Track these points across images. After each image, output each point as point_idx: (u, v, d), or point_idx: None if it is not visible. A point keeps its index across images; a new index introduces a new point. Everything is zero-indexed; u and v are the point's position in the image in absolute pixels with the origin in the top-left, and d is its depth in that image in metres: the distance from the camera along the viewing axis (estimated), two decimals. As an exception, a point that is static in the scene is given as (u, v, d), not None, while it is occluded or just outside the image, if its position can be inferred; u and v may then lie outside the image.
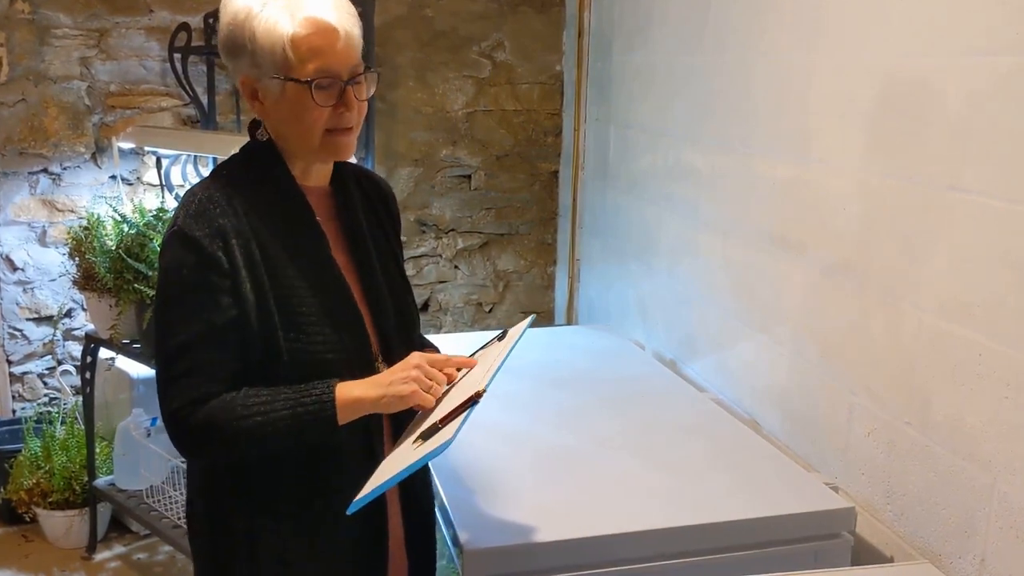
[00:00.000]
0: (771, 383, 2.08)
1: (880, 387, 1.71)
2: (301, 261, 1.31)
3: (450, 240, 3.61)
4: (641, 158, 2.79)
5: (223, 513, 1.36)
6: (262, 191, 1.32)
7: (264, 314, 1.26)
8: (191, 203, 1.29)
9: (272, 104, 1.29)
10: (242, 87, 1.31)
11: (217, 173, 1.36)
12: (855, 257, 1.77)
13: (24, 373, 3.32)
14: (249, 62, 1.28)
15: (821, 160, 1.87)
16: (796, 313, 1.97)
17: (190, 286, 1.25)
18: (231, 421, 1.23)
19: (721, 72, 2.27)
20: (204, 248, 1.24)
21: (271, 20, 1.24)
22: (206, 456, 1.33)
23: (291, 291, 1.28)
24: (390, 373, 1.27)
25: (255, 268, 1.26)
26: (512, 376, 2.26)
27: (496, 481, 1.71)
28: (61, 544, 3.01)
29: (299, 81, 1.25)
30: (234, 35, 1.28)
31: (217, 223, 1.26)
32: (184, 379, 1.25)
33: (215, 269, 1.24)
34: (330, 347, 1.30)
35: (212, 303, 1.24)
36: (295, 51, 1.24)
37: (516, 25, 3.49)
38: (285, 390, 1.25)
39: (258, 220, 1.29)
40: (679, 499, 1.66)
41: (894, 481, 1.68)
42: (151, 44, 3.18)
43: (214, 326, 1.24)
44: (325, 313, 1.30)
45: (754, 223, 2.13)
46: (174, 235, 1.27)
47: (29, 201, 3.19)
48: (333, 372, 1.28)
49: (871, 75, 1.71)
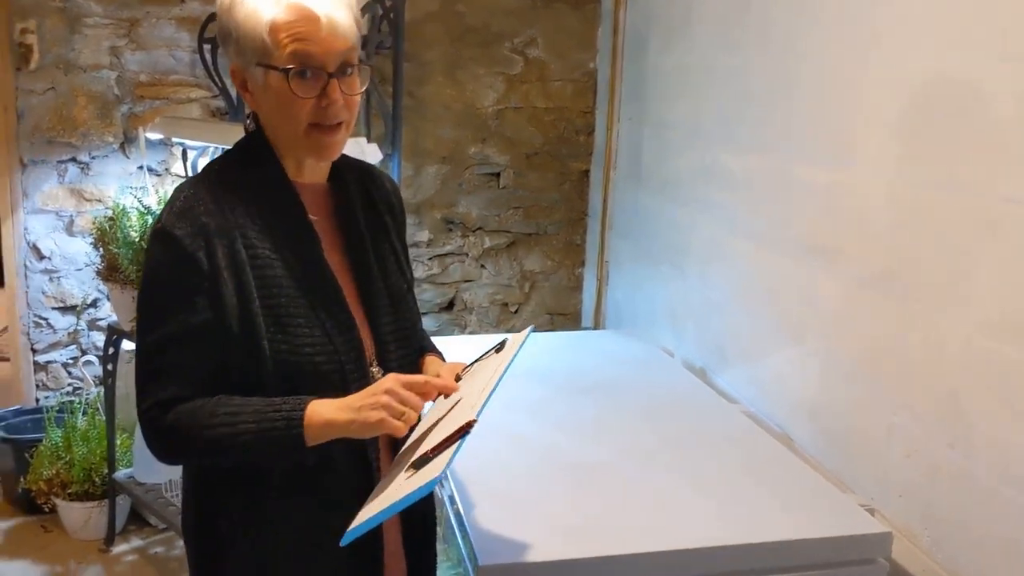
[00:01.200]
0: (804, 397, 2.00)
1: (921, 406, 1.63)
2: (290, 261, 1.25)
3: (476, 239, 3.56)
4: (675, 159, 2.72)
5: (211, 516, 1.31)
6: (252, 187, 1.27)
7: (248, 316, 1.20)
8: (177, 200, 1.24)
9: (259, 95, 1.24)
10: (232, 77, 1.27)
11: (208, 169, 1.31)
12: (896, 268, 1.69)
13: (48, 362, 3.31)
14: (235, 49, 1.23)
15: (862, 166, 1.79)
16: (831, 325, 1.89)
17: (166, 286, 1.21)
18: (196, 428, 1.18)
19: (761, 73, 2.20)
20: (184, 247, 1.19)
21: (253, 5, 1.20)
22: (172, 460, 1.29)
23: (279, 292, 1.23)
24: (361, 396, 1.18)
25: (240, 269, 1.21)
26: (537, 382, 2.21)
27: (517, 493, 1.65)
28: (79, 535, 3.00)
29: (277, 69, 1.20)
30: (222, 22, 1.24)
31: (200, 222, 1.21)
32: (155, 380, 1.21)
33: (193, 269, 1.20)
34: (319, 351, 1.23)
35: (187, 304, 1.20)
36: (273, 37, 1.18)
37: (549, 21, 3.43)
38: (256, 402, 1.18)
39: (246, 218, 1.24)
40: (708, 517, 1.59)
41: (934, 506, 1.60)
42: (181, 34, 3.16)
43: (188, 328, 1.20)
44: (315, 316, 1.24)
45: (790, 229, 2.05)
46: (156, 233, 1.23)
47: (57, 190, 3.19)
48: (323, 379, 1.23)
49: (916, 79, 1.63)
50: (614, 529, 1.54)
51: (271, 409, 1.17)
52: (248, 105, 1.28)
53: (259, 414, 1.17)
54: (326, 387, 1.22)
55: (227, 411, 1.18)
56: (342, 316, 1.27)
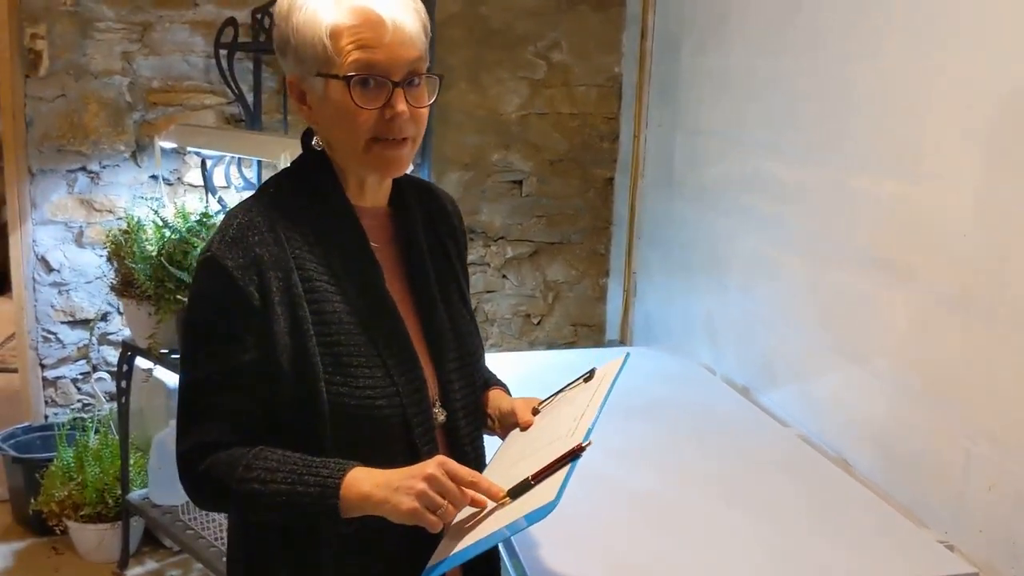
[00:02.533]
0: (865, 420, 1.89)
1: (1006, 434, 1.52)
2: (350, 293, 1.14)
3: (499, 248, 3.45)
4: (713, 167, 2.61)
5: (262, 565, 1.21)
6: (310, 213, 1.16)
7: (303, 356, 1.10)
8: (229, 227, 1.14)
9: (318, 107, 1.14)
10: (290, 89, 1.17)
11: (263, 192, 1.21)
12: (979, 285, 1.58)
13: (57, 378, 3.20)
14: (293, 59, 1.13)
15: (937, 177, 1.68)
16: (900, 344, 1.78)
17: (213, 320, 1.12)
18: (230, 480, 1.09)
19: (811, 76, 2.09)
20: (234, 280, 1.09)
21: (312, 9, 1.09)
22: (207, 508, 1.24)
23: (338, 328, 1.12)
24: (401, 475, 1.05)
25: (295, 304, 1.11)
26: (577, 402, 2.10)
27: (575, 528, 1.54)
28: (92, 558, 2.89)
29: (337, 77, 1.09)
30: (280, 30, 1.14)
31: (253, 252, 1.11)
32: (196, 423, 1.12)
33: (243, 304, 1.09)
34: (380, 393, 1.13)
35: (234, 341, 1.10)
36: (334, 43, 1.08)
37: (573, 24, 3.32)
38: (295, 460, 1.08)
39: (303, 247, 1.14)
40: (774, 556, 1.49)
41: (1022, 543, 1.49)
42: (196, 39, 3.05)
43: (234, 367, 1.10)
44: (376, 354, 1.13)
45: (850, 243, 1.94)
46: (205, 261, 1.13)
47: (67, 200, 3.08)
48: (383, 424, 1.13)
49: (997, 83, 1.52)
50: (679, 568, 1.44)
51: (308, 472, 1.07)
52: (306, 119, 1.18)
53: (295, 475, 1.07)
54: (385, 433, 1.12)
55: (264, 466, 1.08)
56: (405, 354, 1.16)
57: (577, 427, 1.09)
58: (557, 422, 1.15)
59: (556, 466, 1.03)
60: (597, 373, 1.24)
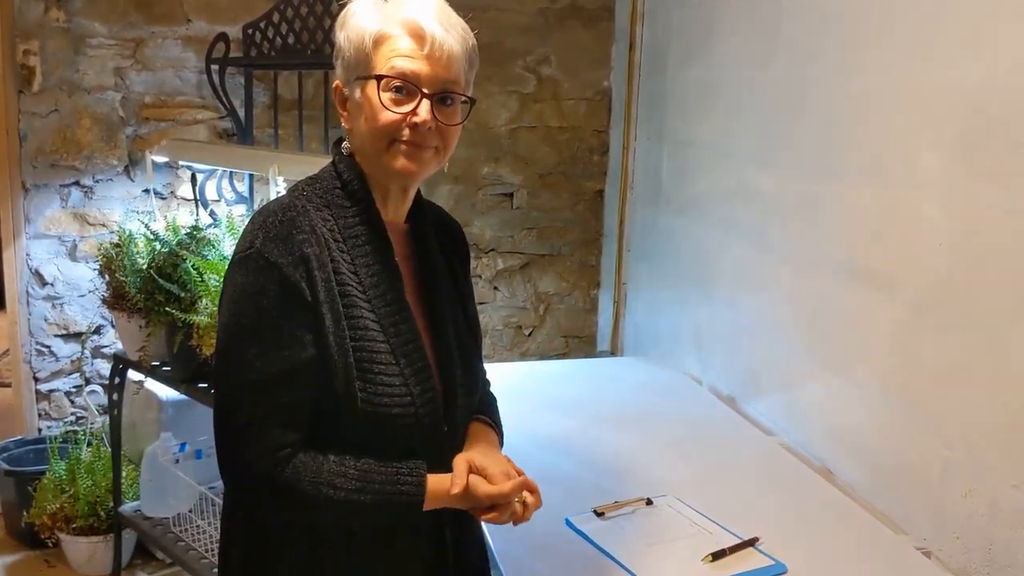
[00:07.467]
0: (847, 429, 1.91)
1: (982, 442, 1.54)
2: (375, 302, 1.16)
3: (490, 260, 3.48)
4: (700, 179, 2.64)
5: (262, 569, 1.21)
6: (344, 218, 1.18)
7: (343, 355, 1.11)
8: (271, 224, 1.13)
9: (354, 110, 1.18)
10: (334, 94, 1.22)
11: (297, 193, 1.20)
12: (955, 293, 1.60)
13: (51, 391, 3.22)
14: (341, 65, 1.18)
15: (914, 186, 1.71)
16: (880, 353, 1.81)
17: (270, 317, 1.09)
18: (320, 487, 1.10)
19: (794, 88, 2.12)
20: (288, 276, 1.09)
21: (363, 18, 1.15)
22: (276, 515, 1.17)
23: (363, 334, 1.13)
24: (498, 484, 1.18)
25: (335, 304, 1.12)
26: (563, 413, 2.12)
27: (551, 536, 1.56)
28: (84, 571, 2.90)
29: (371, 77, 1.13)
30: (336, 37, 1.19)
31: (301, 250, 1.11)
32: (260, 425, 1.09)
33: (299, 300, 1.10)
34: (396, 401, 1.14)
35: (294, 339, 1.10)
36: (376, 49, 1.13)
37: (563, 39, 3.36)
38: (374, 465, 1.14)
39: (337, 250, 1.15)
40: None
41: (997, 548, 1.50)
42: (188, 55, 3.08)
43: (296, 364, 1.10)
44: (394, 362, 1.15)
45: (831, 252, 1.97)
46: (250, 258, 1.11)
47: (60, 214, 3.10)
48: (392, 430, 1.15)
49: (970, 94, 1.55)
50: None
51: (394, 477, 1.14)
52: (343, 124, 1.21)
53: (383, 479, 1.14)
54: (394, 440, 1.15)
55: (352, 474, 1.12)
56: (420, 364, 1.18)
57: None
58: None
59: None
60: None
